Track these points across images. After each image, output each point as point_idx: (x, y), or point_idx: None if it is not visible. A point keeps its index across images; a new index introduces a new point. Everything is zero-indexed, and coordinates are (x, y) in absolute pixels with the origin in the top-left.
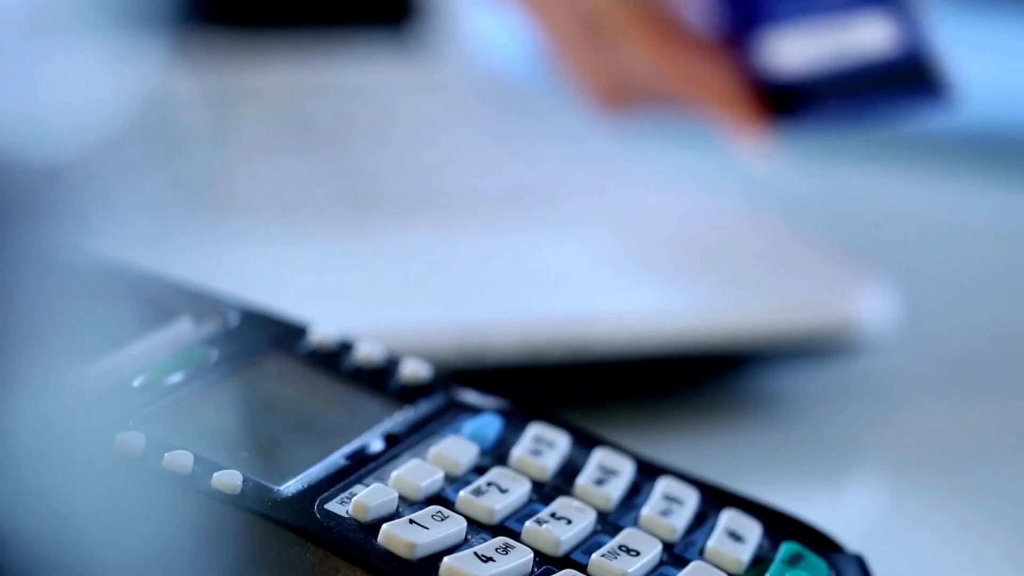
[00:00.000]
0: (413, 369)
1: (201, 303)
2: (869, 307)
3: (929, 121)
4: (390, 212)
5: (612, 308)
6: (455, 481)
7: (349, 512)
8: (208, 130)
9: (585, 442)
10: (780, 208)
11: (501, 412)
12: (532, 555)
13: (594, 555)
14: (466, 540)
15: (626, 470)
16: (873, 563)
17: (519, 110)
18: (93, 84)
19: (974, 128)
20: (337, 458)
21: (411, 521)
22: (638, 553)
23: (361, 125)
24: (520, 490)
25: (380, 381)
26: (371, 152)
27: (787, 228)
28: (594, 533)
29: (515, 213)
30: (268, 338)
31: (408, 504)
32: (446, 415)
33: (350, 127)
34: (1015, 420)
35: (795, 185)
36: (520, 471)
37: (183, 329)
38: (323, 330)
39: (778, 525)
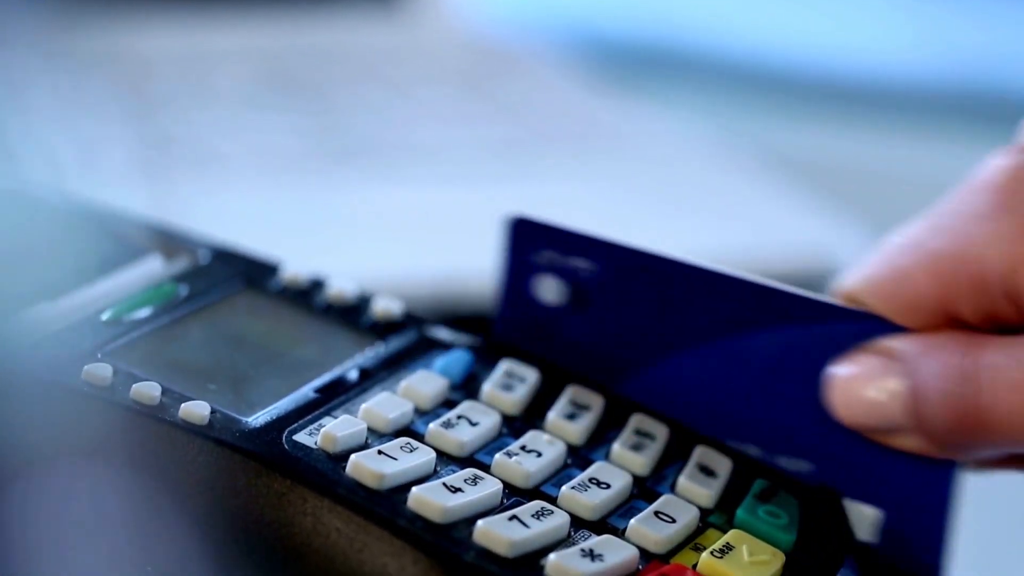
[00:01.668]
0: (385, 306)
1: (171, 241)
2: (847, 256)
3: None
4: (370, 165)
5: None
6: (425, 414)
7: (317, 443)
8: (187, 87)
9: (556, 379)
10: (764, 163)
11: (472, 348)
12: (501, 486)
13: (564, 487)
14: (435, 472)
15: (597, 406)
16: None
17: (501, 68)
18: None
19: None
20: (306, 391)
21: (380, 452)
22: (608, 486)
23: (341, 82)
24: (490, 423)
25: (352, 317)
26: (351, 108)
27: (769, 178)
28: (565, 466)
29: (496, 166)
30: (239, 275)
31: (377, 436)
32: (417, 351)
33: (330, 84)
34: None
35: (781, 142)
36: (490, 405)
37: (153, 266)
38: (294, 267)
39: (750, 462)
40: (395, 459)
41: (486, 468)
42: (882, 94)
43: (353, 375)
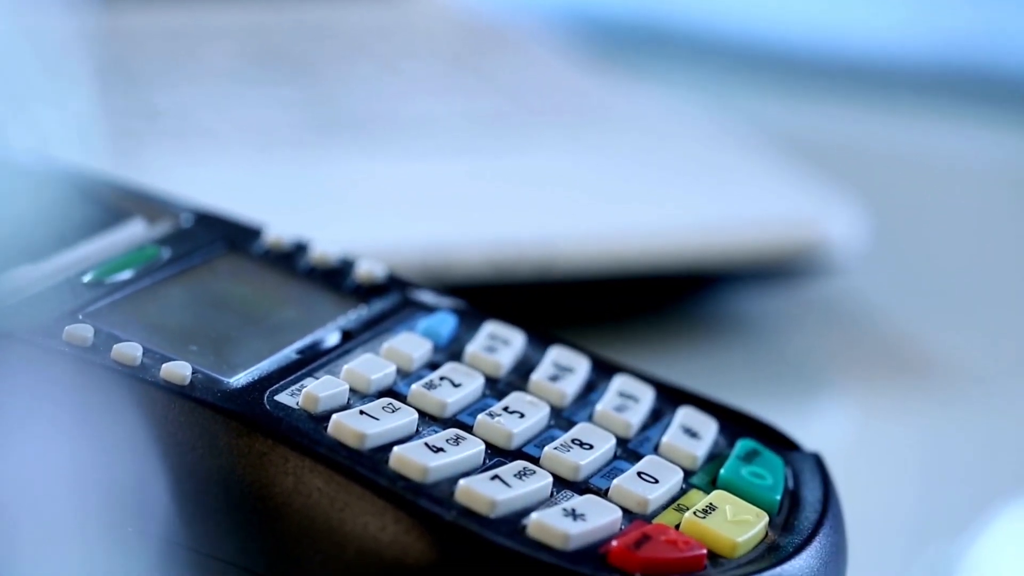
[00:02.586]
0: (368, 268)
1: (154, 205)
2: (839, 228)
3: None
4: (359, 138)
5: (578, 228)
6: (408, 376)
7: (299, 403)
8: (175, 62)
9: (541, 341)
10: (756, 138)
11: (456, 311)
12: (484, 447)
13: (547, 448)
14: (417, 432)
15: (581, 367)
16: (839, 477)
17: (491, 44)
18: None
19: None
20: (289, 352)
21: (361, 412)
22: (591, 447)
23: (329, 58)
24: (473, 385)
25: (335, 280)
26: (340, 82)
27: (759, 151)
28: (547, 428)
29: (484, 139)
30: (222, 239)
31: (359, 397)
32: (401, 313)
33: (319, 59)
34: (978, 340)
35: (774, 117)
36: (474, 367)
37: (135, 230)
38: (277, 231)
39: (735, 423)
40: (377, 419)
41: (469, 429)
42: (876, 70)
43: (336, 337)
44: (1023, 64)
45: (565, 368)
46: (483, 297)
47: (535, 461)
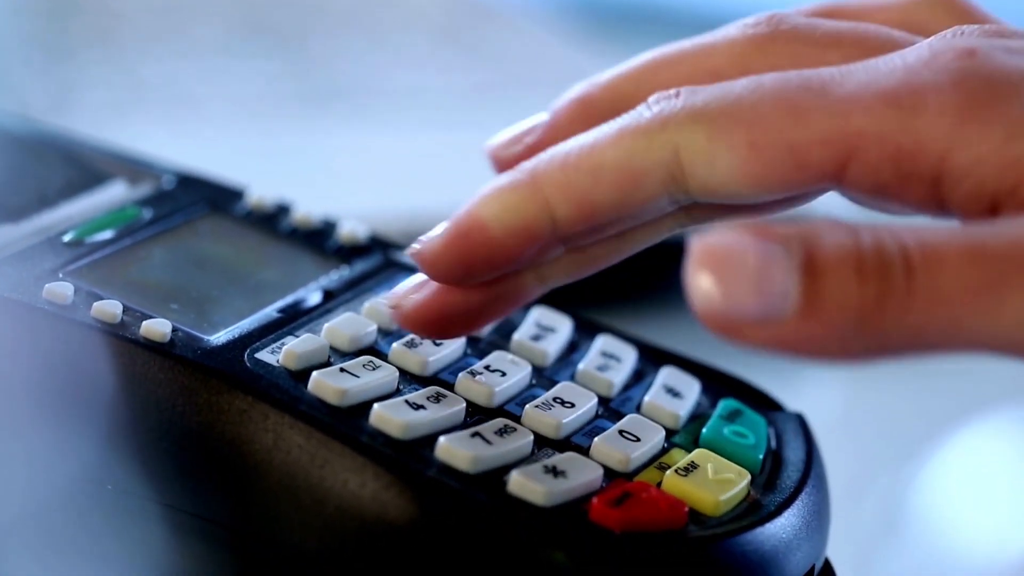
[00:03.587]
0: (351, 230)
1: (136, 167)
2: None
3: None
4: (345, 110)
5: None
6: (389, 335)
7: (279, 361)
8: (161, 33)
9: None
10: None
11: None
12: (464, 404)
13: (528, 406)
14: (398, 390)
15: (564, 327)
16: (826, 445)
17: (479, 18)
18: None
19: None
20: (270, 311)
21: (342, 370)
22: (573, 405)
23: (316, 30)
24: (454, 344)
25: (317, 241)
26: (327, 55)
27: None
28: (529, 386)
29: (471, 111)
30: (203, 200)
31: (340, 355)
32: (383, 274)
33: (306, 32)
34: None
35: None
36: None
37: (116, 191)
38: (260, 193)
39: (717, 384)
40: (357, 376)
41: (450, 387)
42: None
43: (317, 297)
44: None
45: (547, 328)
46: None
47: (516, 419)
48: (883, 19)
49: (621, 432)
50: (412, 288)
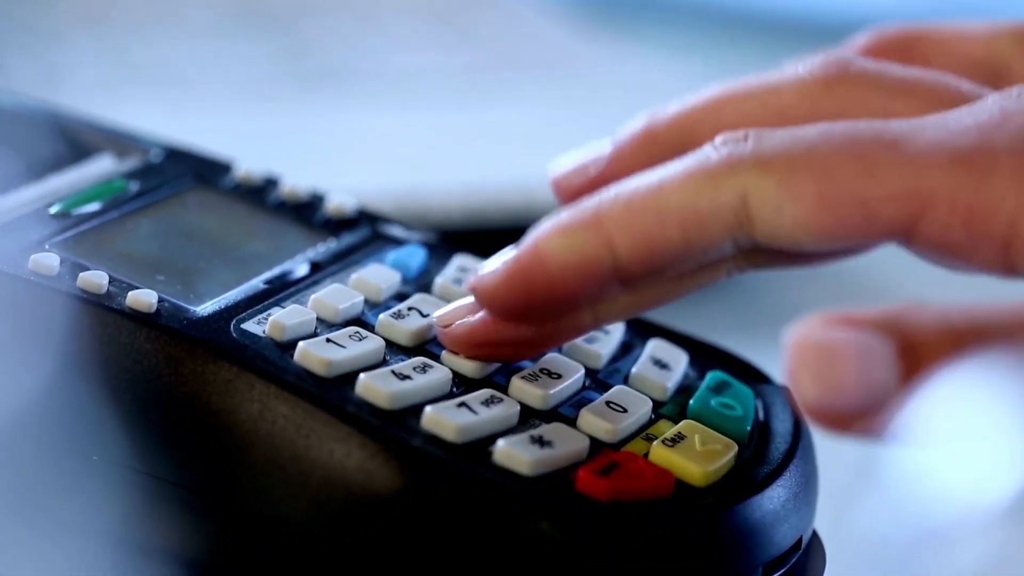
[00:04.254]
0: (339, 202)
1: (124, 141)
2: None
3: None
4: (338, 91)
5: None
6: (376, 306)
7: (265, 331)
8: (154, 16)
9: None
10: None
11: (426, 244)
12: (451, 374)
13: (514, 377)
14: (384, 361)
15: None
16: None
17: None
18: None
19: None
20: (256, 283)
21: (328, 340)
22: (560, 376)
23: (309, 11)
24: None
25: (305, 214)
26: (320, 37)
27: None
28: None
29: (463, 91)
30: (191, 173)
31: (327, 326)
32: (370, 246)
33: (297, 13)
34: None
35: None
36: (443, 298)
37: (103, 164)
38: (248, 165)
39: (705, 356)
40: (343, 347)
41: (436, 358)
42: None
43: (304, 268)
44: None
45: None
46: (457, 241)
47: (503, 390)
48: (966, 52)
49: (608, 403)
50: (465, 310)
